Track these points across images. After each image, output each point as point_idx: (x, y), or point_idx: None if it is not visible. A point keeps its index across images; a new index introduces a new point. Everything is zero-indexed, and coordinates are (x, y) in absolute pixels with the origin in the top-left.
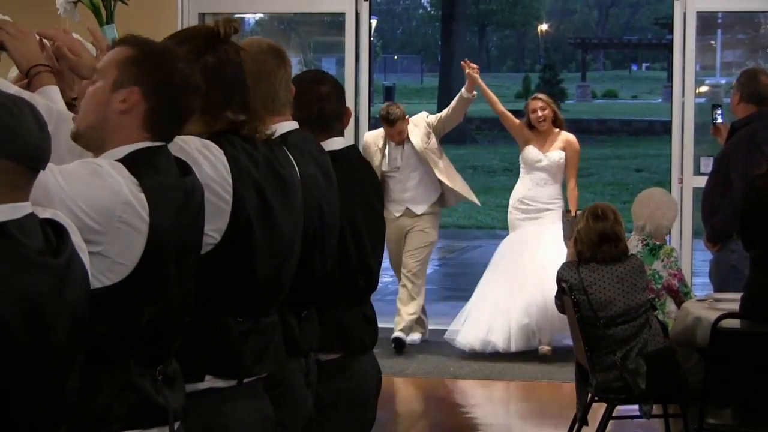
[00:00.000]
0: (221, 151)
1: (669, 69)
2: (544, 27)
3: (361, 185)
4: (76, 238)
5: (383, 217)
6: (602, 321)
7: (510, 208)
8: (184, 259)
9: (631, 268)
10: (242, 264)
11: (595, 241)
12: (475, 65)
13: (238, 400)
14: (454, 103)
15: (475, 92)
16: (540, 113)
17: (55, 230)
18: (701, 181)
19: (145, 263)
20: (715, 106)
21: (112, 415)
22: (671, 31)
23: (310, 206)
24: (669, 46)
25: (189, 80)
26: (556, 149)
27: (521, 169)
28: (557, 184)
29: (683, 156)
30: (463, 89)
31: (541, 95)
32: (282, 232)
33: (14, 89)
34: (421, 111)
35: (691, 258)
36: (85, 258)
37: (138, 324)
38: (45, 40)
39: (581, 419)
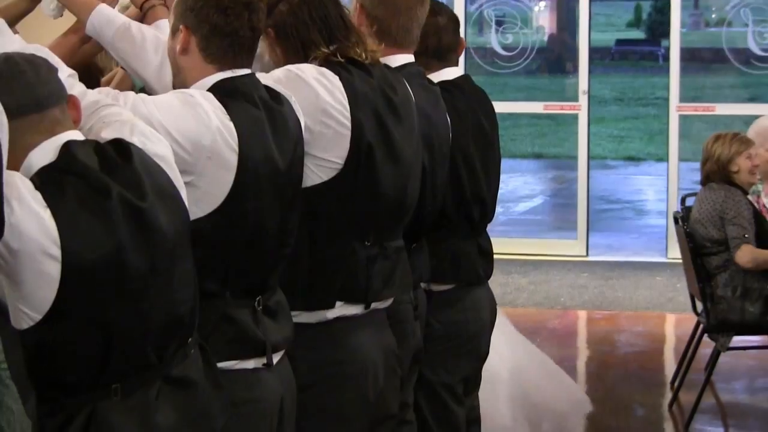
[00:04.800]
0: (336, 77)
1: None
2: None
3: (475, 116)
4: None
5: (498, 147)
6: None
7: None
8: (279, 188)
9: None
10: (366, 188)
11: None
12: None
13: (364, 329)
14: None
15: None
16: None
17: (120, 150)
18: None
19: (236, 193)
20: None
21: (210, 346)
22: None
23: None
24: None
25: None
26: None
27: None
28: None
29: None
30: None
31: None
32: (402, 155)
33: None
34: None
35: None
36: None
37: (231, 256)
38: None
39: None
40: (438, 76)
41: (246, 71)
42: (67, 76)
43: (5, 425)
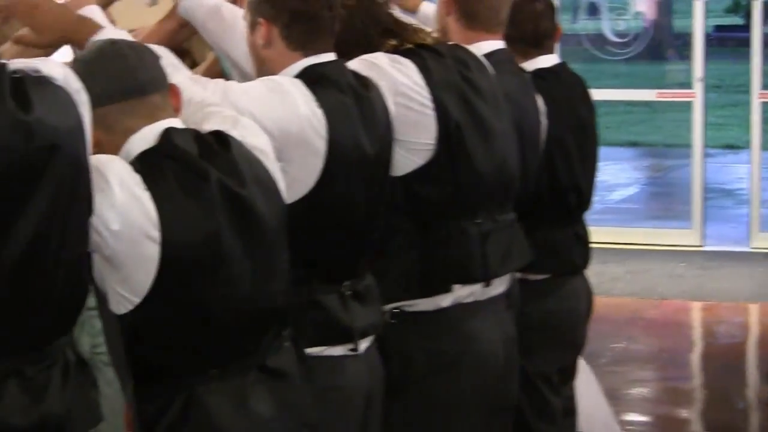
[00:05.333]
0: (410, 61)
1: None
2: None
3: (572, 104)
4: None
5: (596, 135)
6: None
7: None
8: (367, 174)
9: None
10: (464, 166)
11: None
12: None
13: (483, 316)
14: None
15: None
16: None
17: (219, 140)
18: None
19: (325, 179)
20: None
21: (297, 333)
22: None
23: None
24: None
25: None
26: None
27: None
28: None
29: None
30: None
31: None
32: (492, 129)
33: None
34: None
35: None
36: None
37: (319, 242)
38: None
39: None
40: (534, 63)
41: (331, 57)
42: (169, 63)
43: (111, 398)
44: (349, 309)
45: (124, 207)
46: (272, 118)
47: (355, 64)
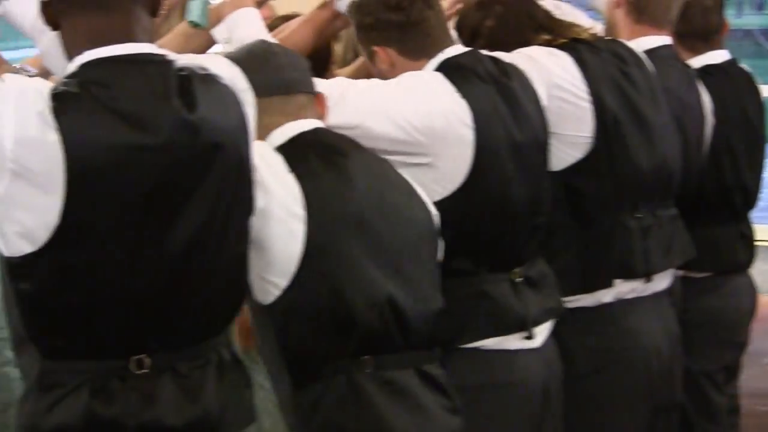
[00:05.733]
0: (566, 54)
1: None
2: None
3: (740, 101)
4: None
5: (763, 132)
6: None
7: None
8: (521, 159)
9: None
10: (622, 159)
11: None
12: None
13: (646, 312)
14: None
15: None
16: None
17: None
18: None
19: (477, 168)
20: None
21: (468, 325)
22: None
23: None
24: None
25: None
26: None
27: None
28: None
29: None
30: None
31: None
32: (651, 123)
33: None
34: None
35: None
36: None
37: (479, 231)
38: None
39: None
40: (703, 59)
41: (463, 49)
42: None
43: (258, 403)
44: (521, 296)
45: (269, 184)
46: (417, 114)
47: (511, 57)
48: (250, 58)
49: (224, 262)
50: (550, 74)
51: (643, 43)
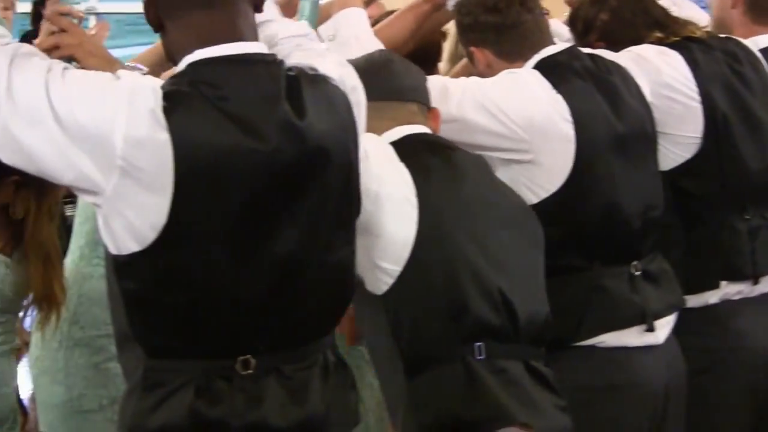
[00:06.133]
0: (677, 53)
1: None
2: None
3: None
4: None
5: None
6: None
7: None
8: (626, 151)
9: None
10: (731, 160)
11: None
12: None
13: (755, 314)
14: None
15: None
16: None
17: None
18: None
19: (580, 162)
20: None
21: (584, 320)
22: None
23: None
24: None
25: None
26: None
27: None
28: None
29: None
30: None
31: None
32: (762, 123)
33: None
34: None
35: None
36: None
37: (590, 226)
38: None
39: None
40: None
41: (560, 47)
42: None
43: (367, 399)
44: (639, 289)
45: (383, 172)
46: (517, 110)
47: (619, 55)
48: (368, 63)
49: (330, 265)
50: (660, 73)
51: (759, 41)
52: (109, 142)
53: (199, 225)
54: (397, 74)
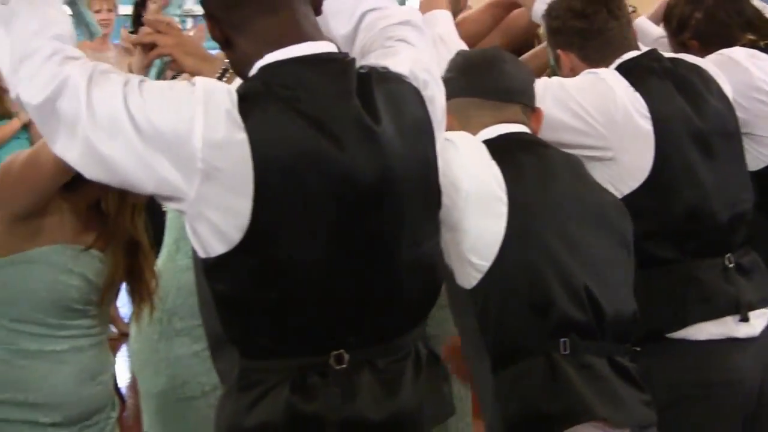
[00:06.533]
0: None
1: None
2: None
3: None
4: None
5: None
6: None
7: None
8: (707, 146)
9: None
10: None
11: None
12: None
13: None
14: None
15: None
16: None
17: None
18: None
19: (661, 158)
20: None
21: (677, 311)
22: None
23: None
24: None
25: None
26: None
27: None
28: None
29: None
30: None
31: None
32: None
33: None
34: None
35: None
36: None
37: (676, 219)
38: None
39: None
40: None
41: (641, 50)
42: None
43: (455, 392)
44: (733, 280)
45: (472, 169)
46: (597, 108)
47: (710, 58)
48: (480, 59)
49: (417, 257)
50: (751, 77)
51: None
52: (188, 145)
53: (282, 224)
54: (507, 75)
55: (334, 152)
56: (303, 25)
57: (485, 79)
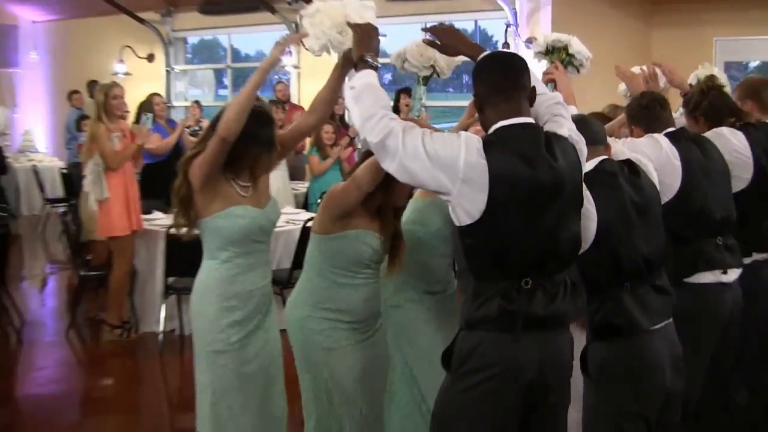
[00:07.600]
0: (741, 132)
1: None
2: None
3: None
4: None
5: None
6: None
7: None
8: (715, 184)
9: None
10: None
11: None
12: None
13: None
14: None
15: None
16: None
17: (631, 169)
18: None
19: (685, 185)
20: None
21: (687, 266)
22: None
23: None
24: None
25: None
26: None
27: None
28: None
29: None
30: None
31: None
32: None
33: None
34: None
35: None
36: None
37: (689, 215)
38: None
39: None
40: None
41: (676, 127)
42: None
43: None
44: (721, 250)
45: (586, 192)
46: (651, 153)
47: (709, 132)
48: (586, 121)
49: (571, 232)
50: (730, 143)
51: None
52: (456, 166)
53: (503, 209)
54: (594, 126)
55: (531, 173)
56: (522, 107)
57: (586, 132)
